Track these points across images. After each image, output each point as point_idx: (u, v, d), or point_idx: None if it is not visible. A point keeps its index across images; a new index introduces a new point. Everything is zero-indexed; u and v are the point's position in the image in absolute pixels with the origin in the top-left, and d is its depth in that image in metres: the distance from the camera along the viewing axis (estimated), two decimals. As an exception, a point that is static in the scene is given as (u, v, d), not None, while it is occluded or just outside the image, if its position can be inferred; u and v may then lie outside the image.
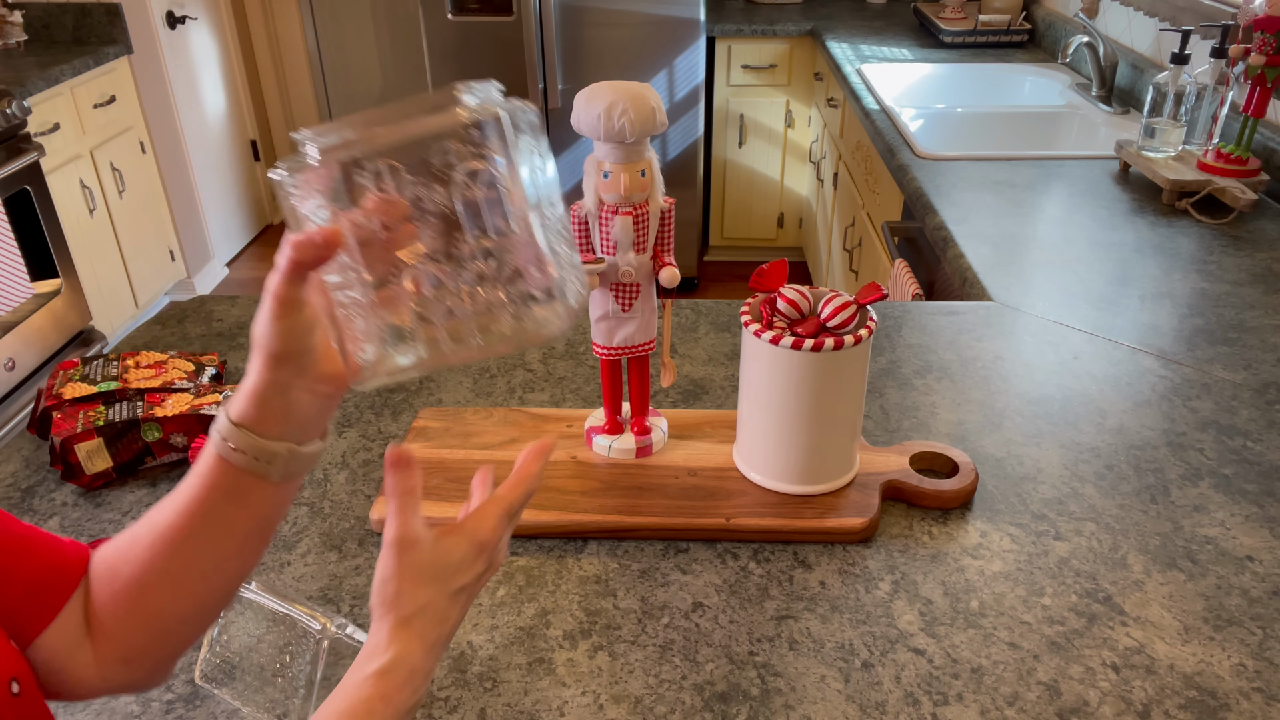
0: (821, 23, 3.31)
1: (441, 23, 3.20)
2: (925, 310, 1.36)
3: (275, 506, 0.60)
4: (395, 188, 0.55)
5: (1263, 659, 0.80)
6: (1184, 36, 1.84)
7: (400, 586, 0.56)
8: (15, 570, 0.57)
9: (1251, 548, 0.92)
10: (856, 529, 0.92)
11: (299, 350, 0.55)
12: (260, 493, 0.58)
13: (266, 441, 0.56)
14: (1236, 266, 1.49)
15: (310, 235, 0.52)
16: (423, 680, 0.56)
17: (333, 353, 0.57)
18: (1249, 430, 1.09)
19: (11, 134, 2.61)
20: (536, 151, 0.58)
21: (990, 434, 1.08)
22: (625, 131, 0.86)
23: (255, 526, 0.59)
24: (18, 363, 2.68)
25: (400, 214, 0.54)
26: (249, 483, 0.57)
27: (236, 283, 3.88)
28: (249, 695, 0.77)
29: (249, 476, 0.57)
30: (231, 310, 1.38)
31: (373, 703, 0.53)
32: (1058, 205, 1.74)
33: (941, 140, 2.28)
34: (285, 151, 4.43)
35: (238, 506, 0.58)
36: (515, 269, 0.56)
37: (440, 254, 0.56)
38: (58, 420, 1.00)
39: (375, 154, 0.54)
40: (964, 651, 0.81)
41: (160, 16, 3.35)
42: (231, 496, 0.57)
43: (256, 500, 0.58)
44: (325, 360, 0.57)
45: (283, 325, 0.54)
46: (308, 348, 0.56)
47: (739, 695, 0.77)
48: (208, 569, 0.59)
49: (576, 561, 0.91)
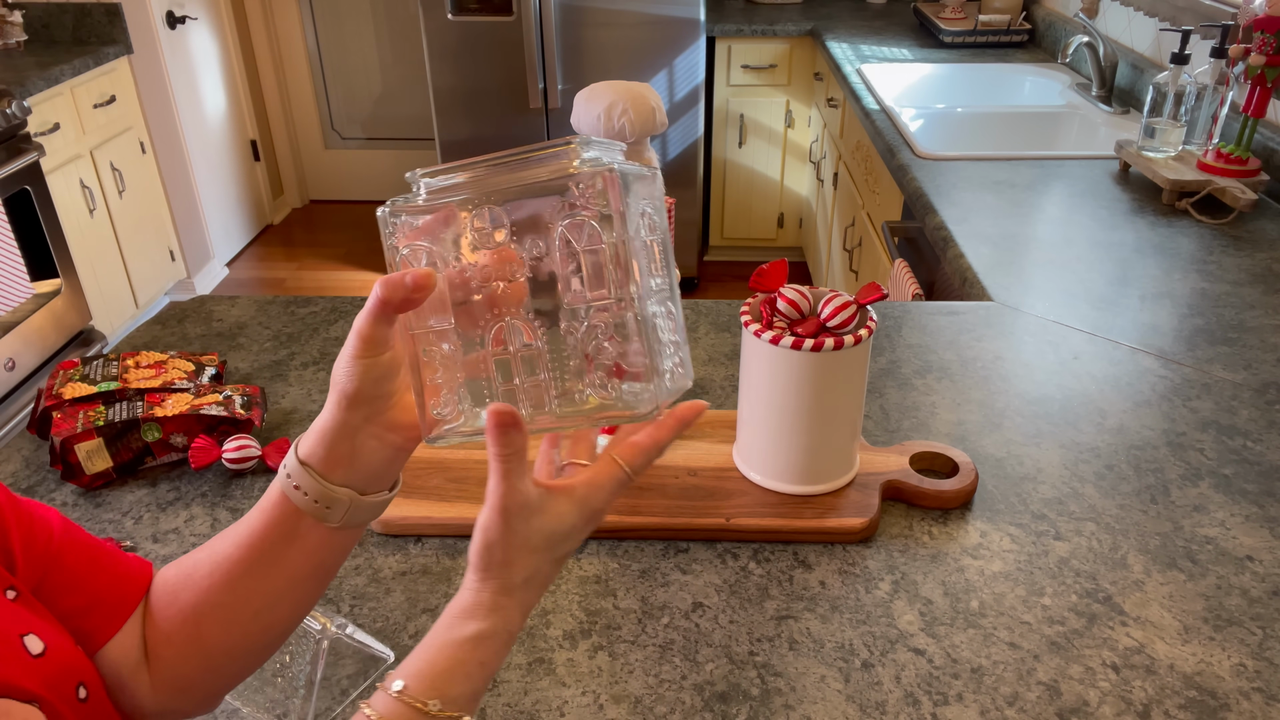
0: (821, 23, 3.31)
1: (441, 23, 3.19)
2: (925, 310, 1.36)
3: (332, 553, 0.59)
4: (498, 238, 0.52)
5: (1263, 659, 0.80)
6: (1184, 36, 1.84)
7: (508, 555, 0.53)
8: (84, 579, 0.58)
9: (1251, 548, 0.92)
10: (856, 529, 0.92)
11: (374, 394, 0.54)
12: (318, 536, 0.57)
13: (329, 486, 0.55)
14: (1236, 266, 1.49)
15: (401, 276, 0.51)
16: (513, 641, 0.55)
17: (409, 404, 0.56)
18: (1249, 430, 1.09)
19: (11, 134, 2.61)
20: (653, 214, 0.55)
21: (990, 434, 1.08)
22: (625, 131, 0.86)
23: (310, 570, 0.58)
24: (18, 363, 2.68)
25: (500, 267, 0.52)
26: (308, 525, 0.57)
27: (236, 283, 3.88)
28: (249, 695, 0.77)
29: (308, 519, 0.56)
30: (231, 310, 1.38)
31: (470, 667, 0.52)
32: (1058, 205, 1.74)
33: (941, 140, 2.28)
34: (285, 152, 4.43)
35: (294, 547, 0.57)
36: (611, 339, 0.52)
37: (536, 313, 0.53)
38: (58, 420, 1.00)
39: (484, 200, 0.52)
40: (964, 651, 0.81)
41: (160, 16, 3.35)
42: (290, 536, 0.57)
43: (314, 543, 0.57)
44: (400, 410, 0.56)
45: (361, 365, 0.53)
46: (384, 392, 0.55)
47: (739, 695, 0.77)
48: (260, 608, 0.59)
49: (576, 561, 0.91)
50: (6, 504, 0.56)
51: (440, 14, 3.17)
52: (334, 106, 4.39)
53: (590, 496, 0.54)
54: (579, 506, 0.54)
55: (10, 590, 0.52)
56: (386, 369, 0.54)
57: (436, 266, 0.53)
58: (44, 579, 0.56)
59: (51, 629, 0.53)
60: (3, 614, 0.50)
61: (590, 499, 0.54)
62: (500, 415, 0.51)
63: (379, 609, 0.86)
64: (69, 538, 0.58)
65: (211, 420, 1.02)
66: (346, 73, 4.30)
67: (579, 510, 0.54)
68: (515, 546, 0.53)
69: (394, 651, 0.81)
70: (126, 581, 0.60)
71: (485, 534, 0.53)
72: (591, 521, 0.55)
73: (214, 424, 1.03)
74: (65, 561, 0.57)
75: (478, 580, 0.53)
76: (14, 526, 0.55)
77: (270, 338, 1.30)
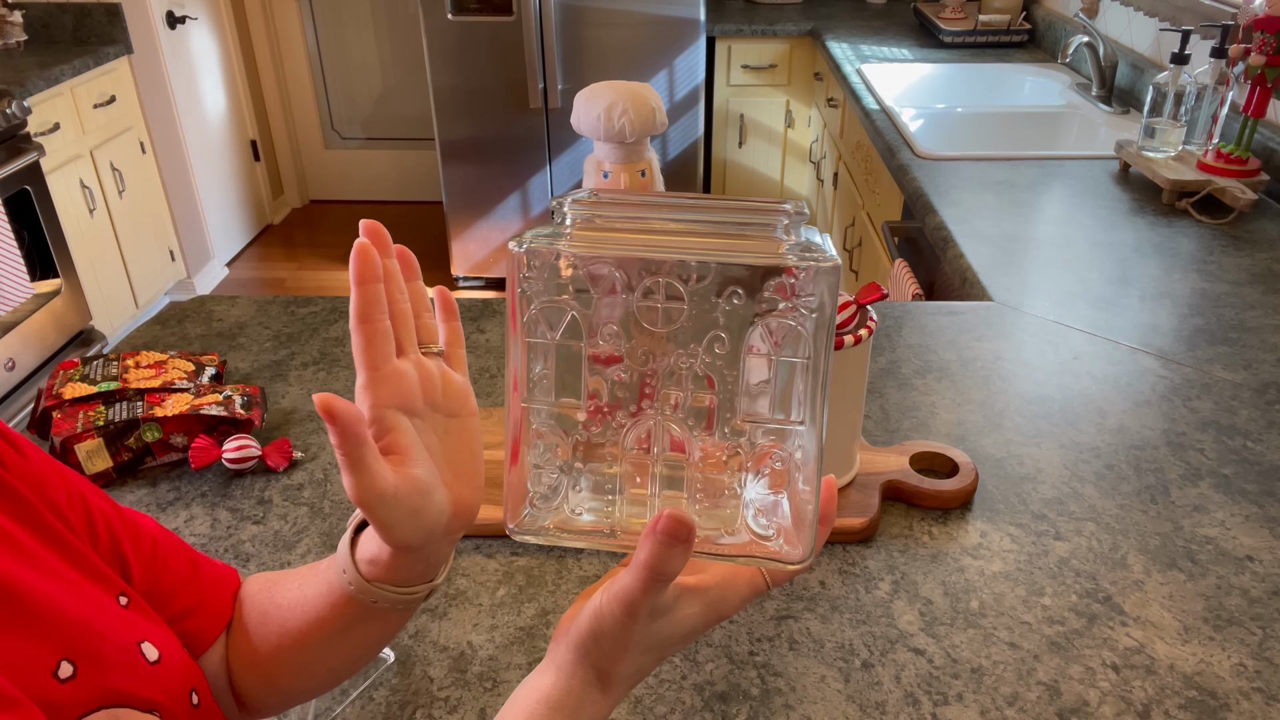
0: (821, 23, 3.31)
1: (441, 23, 3.19)
2: (925, 310, 1.36)
3: (404, 617, 0.57)
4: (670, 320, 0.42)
5: (1263, 659, 0.80)
6: (1184, 36, 1.84)
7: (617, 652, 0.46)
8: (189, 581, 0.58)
9: (1251, 548, 0.92)
10: (856, 529, 0.92)
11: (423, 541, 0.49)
12: (393, 615, 0.56)
13: (407, 593, 0.53)
14: (1236, 266, 1.49)
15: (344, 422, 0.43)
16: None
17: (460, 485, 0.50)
18: (1249, 430, 1.09)
19: (11, 134, 2.61)
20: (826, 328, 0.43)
21: (990, 434, 1.08)
22: (625, 131, 0.86)
23: (384, 635, 0.58)
24: (18, 363, 2.68)
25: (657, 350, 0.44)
26: (383, 610, 0.55)
27: (236, 283, 3.88)
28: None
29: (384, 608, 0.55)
30: (231, 310, 1.38)
31: None
32: (1058, 205, 1.74)
33: (941, 140, 2.28)
34: (285, 152, 4.43)
35: (368, 626, 0.56)
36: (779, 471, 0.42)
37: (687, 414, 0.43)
38: (58, 420, 1.00)
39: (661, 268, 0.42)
40: (964, 651, 0.81)
41: (160, 16, 3.35)
42: (364, 620, 0.55)
43: (387, 619, 0.56)
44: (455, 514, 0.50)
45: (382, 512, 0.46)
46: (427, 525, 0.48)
47: (739, 695, 0.77)
48: (335, 666, 0.59)
49: (576, 561, 0.91)
50: (112, 511, 0.56)
51: (440, 14, 3.17)
52: (334, 106, 4.38)
53: (722, 601, 0.48)
54: (707, 610, 0.47)
55: (123, 596, 0.51)
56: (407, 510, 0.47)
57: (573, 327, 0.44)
58: (155, 583, 0.56)
59: (164, 635, 0.52)
60: (118, 621, 0.49)
61: (721, 604, 0.48)
62: (675, 526, 0.42)
63: (379, 609, 0.86)
64: (169, 540, 0.59)
65: (211, 420, 1.02)
66: (346, 73, 4.30)
67: (705, 614, 0.47)
68: (631, 645, 0.46)
69: (393, 651, 0.81)
70: (223, 584, 0.60)
71: (599, 622, 0.45)
72: (714, 624, 0.48)
73: (214, 424, 1.03)
74: (172, 565, 0.58)
75: (570, 664, 0.47)
76: (123, 533, 0.55)
77: (270, 338, 1.30)
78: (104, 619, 0.48)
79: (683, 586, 0.46)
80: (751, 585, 0.48)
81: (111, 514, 0.55)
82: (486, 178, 3.47)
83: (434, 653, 0.81)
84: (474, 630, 0.83)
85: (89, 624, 0.47)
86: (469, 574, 0.89)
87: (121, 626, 0.49)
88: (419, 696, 0.77)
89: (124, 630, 0.49)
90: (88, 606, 0.48)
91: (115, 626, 0.49)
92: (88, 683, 0.45)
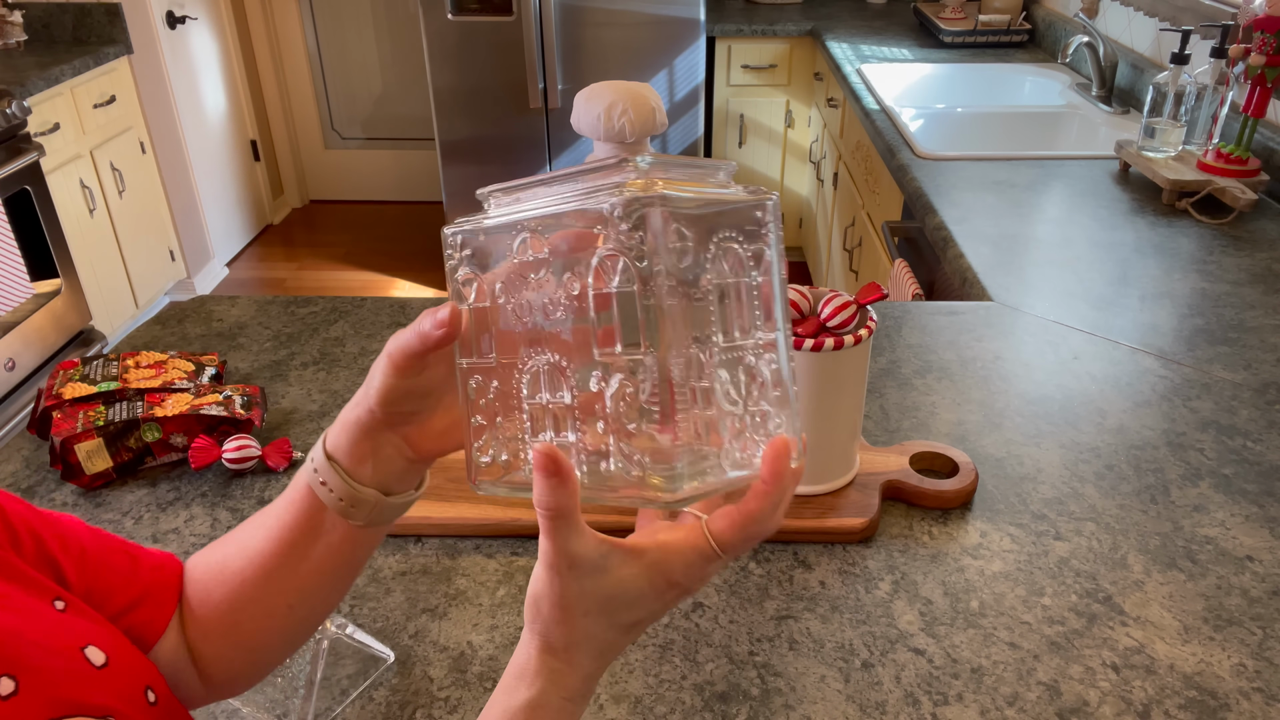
0: (821, 23, 3.31)
1: (441, 23, 3.19)
2: (925, 310, 1.36)
3: (357, 549, 0.59)
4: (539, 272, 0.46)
5: (1263, 659, 0.80)
6: (1184, 36, 1.84)
7: (555, 614, 0.47)
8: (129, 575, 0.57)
9: (1251, 548, 0.92)
10: (856, 529, 0.92)
11: (401, 409, 0.54)
12: (343, 532, 0.57)
13: (355, 486, 0.55)
14: (1236, 266, 1.49)
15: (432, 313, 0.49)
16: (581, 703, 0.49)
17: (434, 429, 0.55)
18: (1249, 430, 1.09)
19: (11, 134, 2.61)
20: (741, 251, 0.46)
21: (990, 434, 1.08)
22: (625, 131, 0.86)
23: (336, 565, 0.58)
24: (18, 363, 2.68)
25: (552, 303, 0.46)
26: (333, 520, 0.56)
27: (236, 283, 3.88)
28: (248, 694, 0.77)
29: (333, 514, 0.56)
30: (231, 310, 1.38)
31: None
32: (1058, 205, 1.74)
33: (941, 140, 2.28)
34: (285, 152, 4.44)
35: (321, 542, 0.57)
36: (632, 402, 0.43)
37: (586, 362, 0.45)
38: (58, 420, 1.00)
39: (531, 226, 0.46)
40: (964, 651, 0.81)
41: (160, 16, 3.35)
42: (316, 531, 0.57)
43: (339, 539, 0.57)
44: (423, 432, 0.55)
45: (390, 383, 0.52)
46: (411, 410, 0.54)
47: (739, 695, 0.77)
48: (294, 601, 0.59)
49: (576, 561, 0.91)
50: (33, 515, 0.54)
51: (440, 14, 3.17)
52: (334, 106, 4.39)
53: (664, 562, 0.46)
54: (648, 571, 0.46)
55: (58, 600, 0.50)
56: (418, 392, 0.53)
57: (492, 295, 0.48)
58: (94, 582, 0.55)
59: (109, 635, 0.51)
60: (56, 628, 0.48)
61: (664, 565, 0.47)
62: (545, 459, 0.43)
63: (379, 609, 0.86)
64: (101, 537, 0.58)
65: (211, 420, 1.02)
66: (346, 73, 4.31)
67: (647, 576, 0.46)
68: (565, 606, 0.46)
69: (393, 651, 0.81)
70: (164, 572, 0.59)
71: (533, 586, 0.48)
72: (668, 591, 0.47)
73: (214, 424, 1.03)
74: (109, 561, 0.57)
75: (526, 634, 0.49)
76: (49, 536, 0.54)
77: (270, 338, 1.30)
78: (39, 627, 0.47)
79: (612, 544, 0.46)
80: (694, 546, 0.46)
81: (32, 518, 0.54)
82: (487, 178, 3.47)
83: (434, 653, 0.81)
84: (474, 630, 0.83)
85: (23, 634, 0.45)
86: (469, 574, 0.89)
87: (60, 633, 0.48)
88: (419, 696, 0.77)
89: (63, 636, 0.48)
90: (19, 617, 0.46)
91: (53, 634, 0.47)
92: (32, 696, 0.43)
